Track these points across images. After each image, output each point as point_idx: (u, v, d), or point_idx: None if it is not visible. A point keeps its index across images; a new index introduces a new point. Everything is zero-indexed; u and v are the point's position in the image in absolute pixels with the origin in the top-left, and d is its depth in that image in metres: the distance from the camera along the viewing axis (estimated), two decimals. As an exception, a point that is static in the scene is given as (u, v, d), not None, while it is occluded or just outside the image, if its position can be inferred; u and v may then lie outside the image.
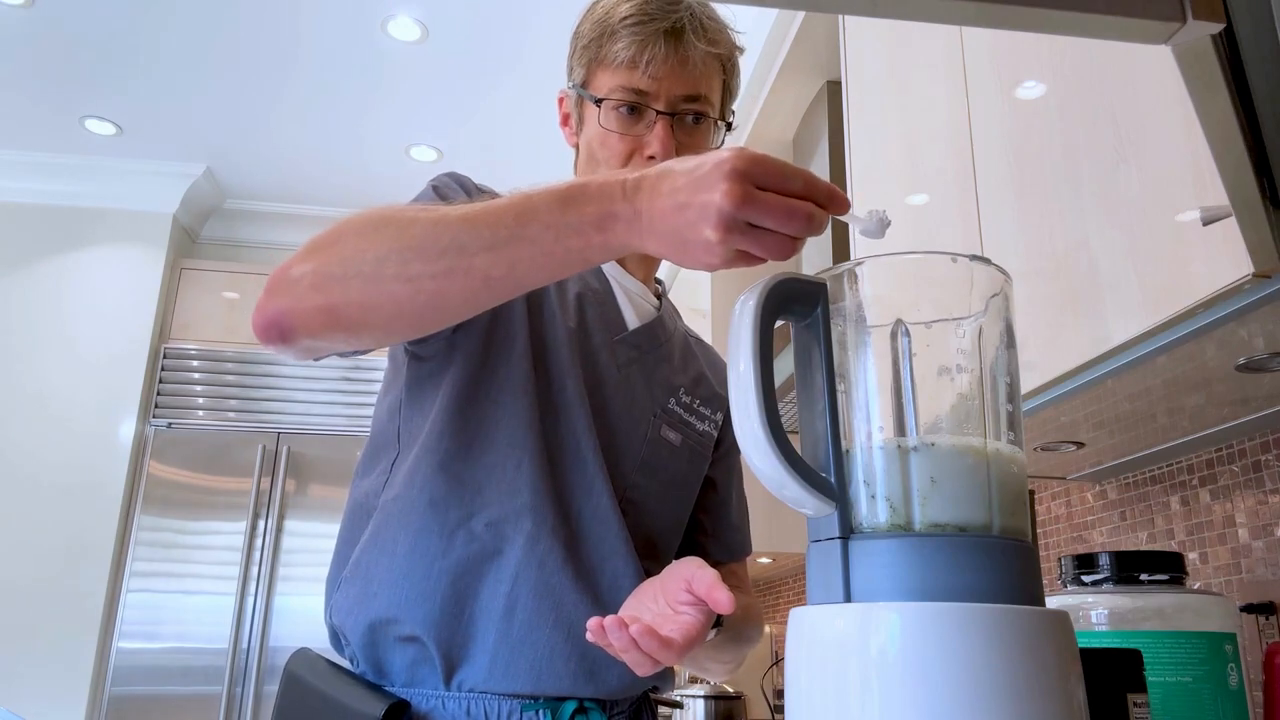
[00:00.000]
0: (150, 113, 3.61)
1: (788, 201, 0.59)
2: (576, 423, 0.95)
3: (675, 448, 1.04)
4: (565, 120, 1.07)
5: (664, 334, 1.07)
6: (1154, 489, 1.48)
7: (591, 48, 0.98)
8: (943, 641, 0.49)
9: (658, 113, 0.96)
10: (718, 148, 1.00)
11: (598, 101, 0.97)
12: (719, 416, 1.11)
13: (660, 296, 1.11)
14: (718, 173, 0.59)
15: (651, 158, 0.95)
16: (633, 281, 1.05)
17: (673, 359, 1.07)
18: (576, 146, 1.05)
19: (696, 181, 0.60)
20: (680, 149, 0.96)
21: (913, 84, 1.57)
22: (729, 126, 1.03)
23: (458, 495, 0.91)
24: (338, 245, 0.74)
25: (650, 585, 0.85)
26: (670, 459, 1.03)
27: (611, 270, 1.04)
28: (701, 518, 1.12)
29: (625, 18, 0.95)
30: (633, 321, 1.04)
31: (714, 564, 1.12)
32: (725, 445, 1.13)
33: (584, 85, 1.00)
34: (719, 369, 1.15)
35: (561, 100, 1.07)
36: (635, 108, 0.96)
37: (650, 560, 0.99)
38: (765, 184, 0.59)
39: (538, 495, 0.91)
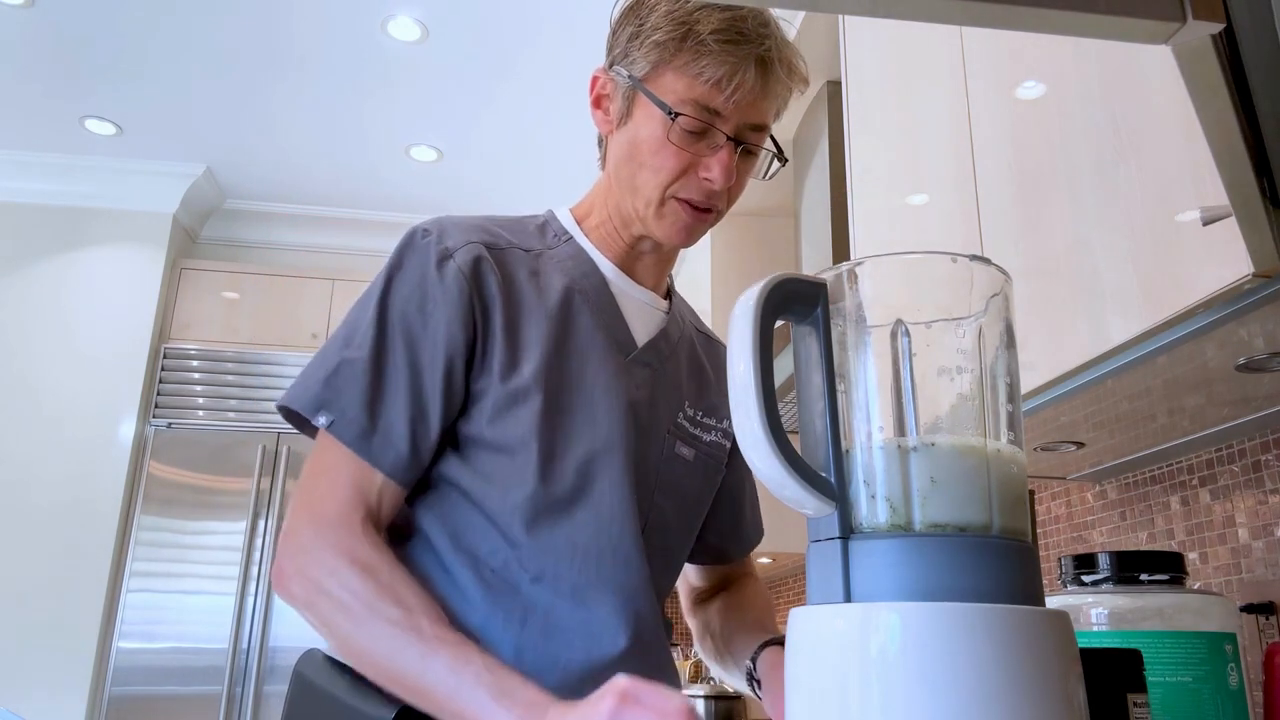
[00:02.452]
0: (150, 113, 3.61)
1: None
2: (619, 482, 0.93)
3: (689, 463, 1.02)
4: (599, 103, 0.99)
5: (668, 347, 1.03)
6: (1154, 489, 1.48)
7: (668, 47, 0.91)
8: (943, 641, 0.49)
9: (726, 137, 0.92)
10: (767, 176, 1.00)
11: (673, 115, 0.90)
12: (725, 424, 1.08)
13: (670, 295, 1.08)
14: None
15: (707, 179, 0.92)
16: (641, 291, 1.02)
17: (680, 369, 1.04)
18: (609, 134, 0.99)
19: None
20: (735, 173, 0.94)
21: (913, 84, 1.57)
22: (783, 161, 0.99)
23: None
24: (320, 613, 0.84)
25: None
26: (685, 476, 1.01)
27: (618, 282, 1.01)
28: (719, 520, 1.11)
29: (716, 31, 0.89)
30: (640, 336, 1.00)
31: (724, 559, 1.13)
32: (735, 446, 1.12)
33: (645, 80, 0.93)
34: (724, 370, 1.12)
35: (597, 80, 0.99)
36: (705, 129, 0.92)
37: (665, 575, 1.00)
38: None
39: (564, 551, 0.91)
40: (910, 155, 1.56)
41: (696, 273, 3.38)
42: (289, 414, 0.91)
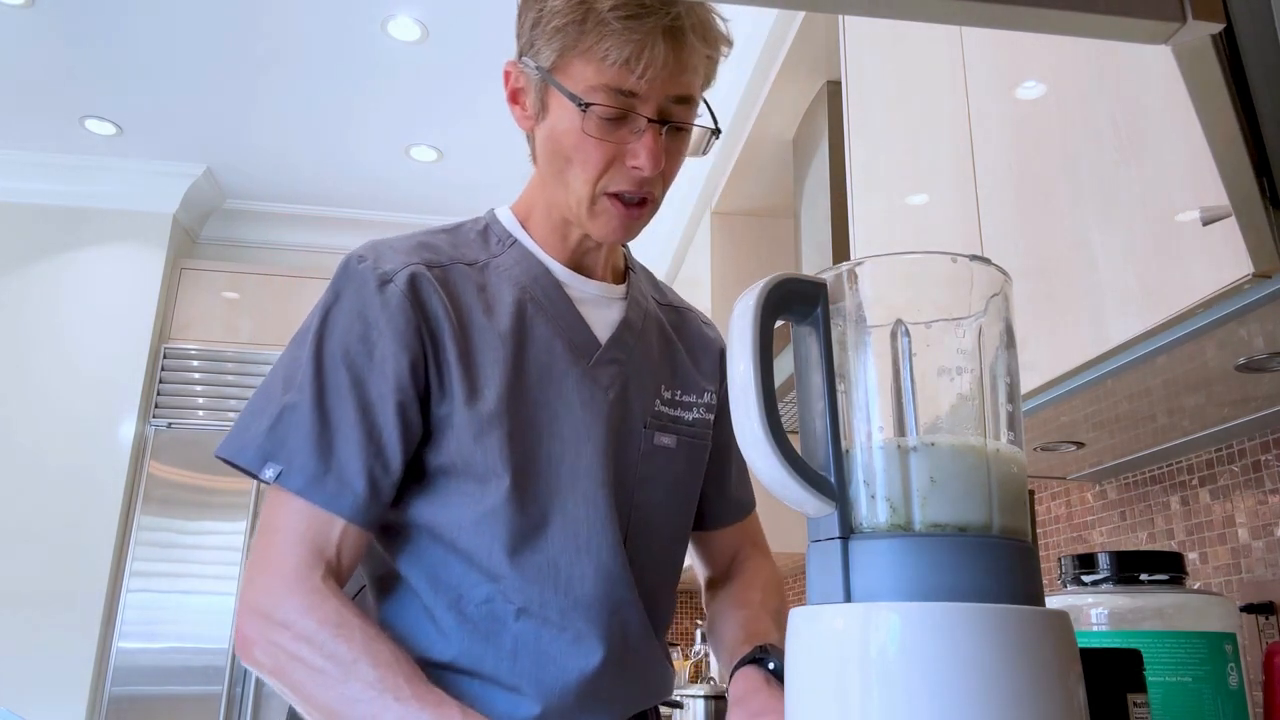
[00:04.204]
0: (150, 113, 3.61)
1: None
2: (594, 494, 0.91)
3: (672, 451, 0.99)
4: (515, 98, 0.93)
5: (633, 336, 0.99)
6: (1154, 489, 1.48)
7: (569, 32, 0.84)
8: (943, 641, 0.49)
9: (648, 120, 0.86)
10: (704, 152, 0.95)
11: (584, 106, 0.85)
12: (708, 397, 1.04)
13: (627, 272, 1.03)
14: None
15: (635, 167, 0.87)
16: (596, 285, 0.98)
17: (651, 354, 1.00)
18: (530, 130, 0.94)
19: None
20: (665, 156, 0.88)
21: (913, 84, 1.57)
22: (717, 132, 0.93)
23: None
24: (280, 678, 0.83)
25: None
26: (668, 465, 0.98)
27: (571, 282, 0.96)
28: (707, 487, 1.09)
29: (616, 7, 0.82)
30: (602, 333, 0.96)
31: (717, 525, 1.11)
32: (717, 415, 1.07)
33: (553, 71, 0.87)
34: (697, 341, 1.08)
35: (509, 75, 0.93)
36: (624, 113, 0.86)
37: (657, 570, 0.98)
38: None
39: (538, 574, 0.89)
40: (910, 155, 1.56)
41: (696, 273, 3.38)
42: (232, 464, 0.86)
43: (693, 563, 1.17)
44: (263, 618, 0.82)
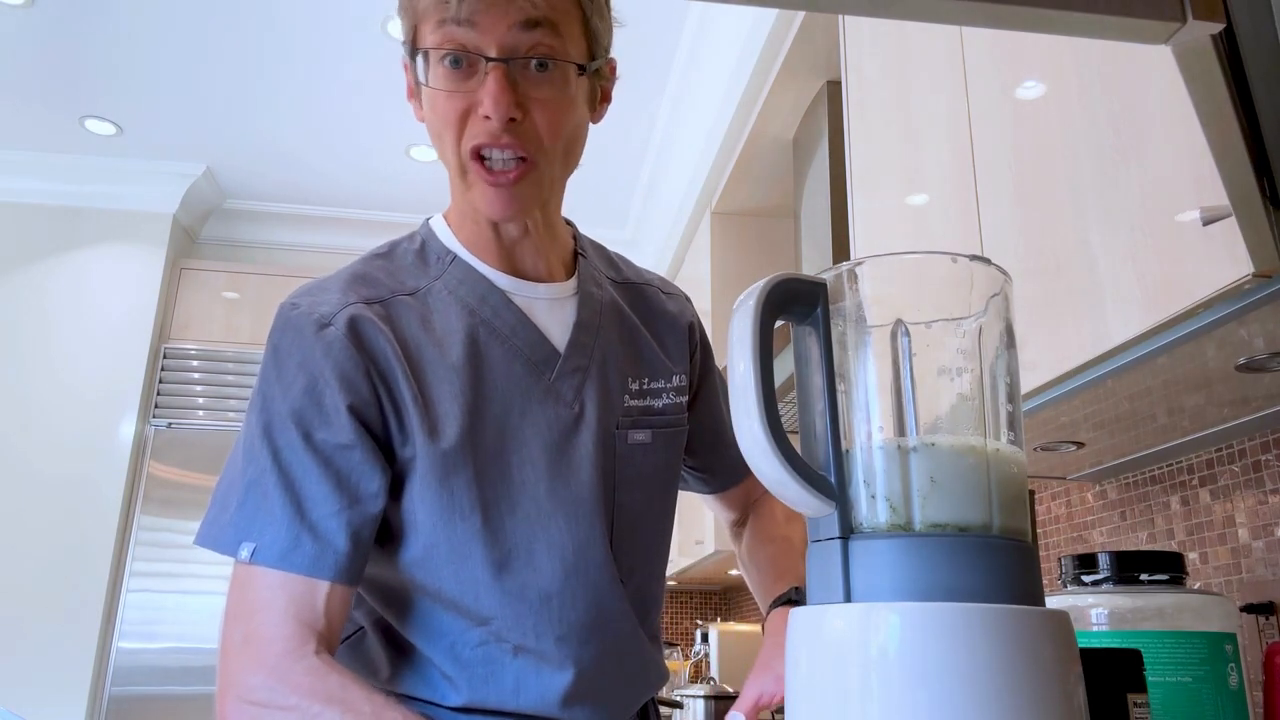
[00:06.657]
0: (150, 113, 3.61)
1: None
2: (575, 512, 0.89)
3: (648, 445, 0.96)
4: (410, 93, 0.91)
5: (590, 336, 0.94)
6: (1154, 489, 1.48)
7: (413, 3, 0.83)
8: (943, 641, 0.49)
9: (488, 60, 0.80)
10: (595, 118, 0.90)
11: (421, 53, 0.82)
12: (677, 379, 1.00)
13: (576, 261, 0.98)
14: None
15: (487, 118, 0.80)
16: (545, 288, 0.93)
17: (613, 347, 0.96)
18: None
19: None
20: (531, 104, 0.82)
21: (913, 84, 1.57)
22: (582, 70, 0.84)
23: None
24: None
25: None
26: (645, 459, 0.96)
27: (519, 291, 0.92)
28: (704, 455, 1.08)
29: None
30: (560, 339, 0.92)
31: (729, 485, 1.12)
32: (696, 388, 1.06)
33: (410, 45, 0.85)
34: (661, 319, 1.03)
35: (406, 67, 0.91)
36: (459, 59, 0.80)
37: (647, 563, 0.98)
38: None
39: (541, 608, 0.88)
40: (910, 155, 1.56)
41: (697, 273, 3.38)
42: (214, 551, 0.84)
43: (712, 512, 1.19)
44: (253, 705, 0.77)
